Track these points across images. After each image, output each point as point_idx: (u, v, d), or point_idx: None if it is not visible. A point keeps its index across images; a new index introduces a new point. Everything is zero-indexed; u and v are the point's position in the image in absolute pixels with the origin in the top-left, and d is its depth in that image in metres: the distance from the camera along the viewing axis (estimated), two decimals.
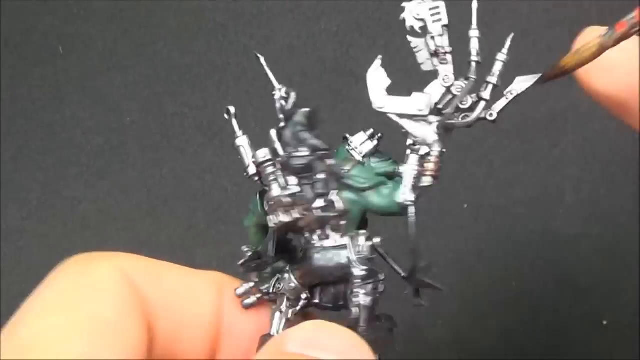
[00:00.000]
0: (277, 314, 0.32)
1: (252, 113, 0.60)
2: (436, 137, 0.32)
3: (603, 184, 0.60)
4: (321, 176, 0.31)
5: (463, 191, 0.61)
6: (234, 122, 0.34)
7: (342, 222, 0.32)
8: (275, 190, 0.31)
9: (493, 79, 0.32)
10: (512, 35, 0.32)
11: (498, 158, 0.61)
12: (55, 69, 0.63)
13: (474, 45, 0.32)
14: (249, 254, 0.33)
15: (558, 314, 0.59)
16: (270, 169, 0.32)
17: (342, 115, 0.60)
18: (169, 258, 0.62)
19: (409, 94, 0.34)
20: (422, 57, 0.33)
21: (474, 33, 0.32)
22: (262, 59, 0.33)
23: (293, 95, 0.33)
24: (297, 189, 0.31)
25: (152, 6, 0.63)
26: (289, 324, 0.32)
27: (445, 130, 0.32)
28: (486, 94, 0.32)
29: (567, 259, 0.60)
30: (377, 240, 0.32)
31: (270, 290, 0.33)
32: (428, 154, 0.32)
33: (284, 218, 0.31)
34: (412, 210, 0.32)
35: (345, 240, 0.32)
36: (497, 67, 0.33)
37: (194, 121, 0.62)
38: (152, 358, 0.30)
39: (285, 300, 0.33)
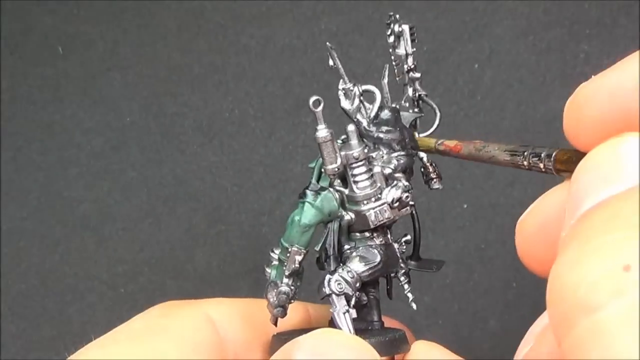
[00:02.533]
0: (344, 315, 0.33)
1: (252, 113, 0.60)
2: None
3: None
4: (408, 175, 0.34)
5: (463, 191, 0.61)
6: (320, 114, 0.34)
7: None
8: (376, 187, 0.33)
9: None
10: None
11: None
12: (55, 69, 0.63)
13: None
14: (305, 254, 0.34)
15: None
16: (365, 167, 0.33)
17: (342, 116, 0.60)
18: (169, 258, 0.62)
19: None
20: (400, 71, 0.36)
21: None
22: (334, 54, 0.34)
23: (357, 90, 0.34)
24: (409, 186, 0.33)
25: (152, 6, 0.63)
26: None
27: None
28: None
29: None
30: (408, 237, 0.35)
31: (327, 292, 0.33)
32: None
33: (389, 215, 0.33)
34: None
35: (389, 238, 0.34)
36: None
37: (194, 121, 0.62)
38: None
39: (344, 299, 0.33)
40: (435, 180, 0.37)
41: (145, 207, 0.61)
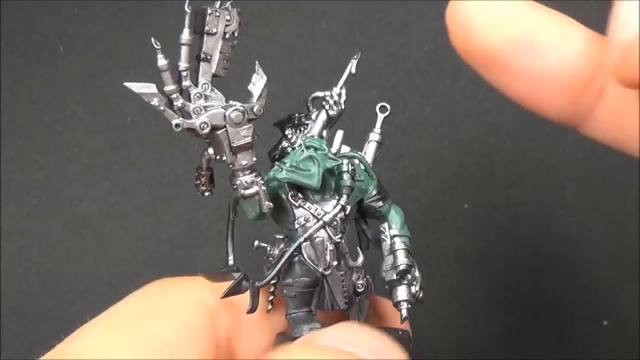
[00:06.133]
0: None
1: None
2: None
3: (603, 184, 0.60)
4: None
5: (463, 191, 0.61)
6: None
7: None
8: None
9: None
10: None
11: (498, 158, 0.61)
12: (56, 69, 0.63)
13: (183, 53, 0.33)
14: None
15: (558, 314, 0.59)
16: None
17: (342, 115, 0.60)
18: (169, 258, 0.62)
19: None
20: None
21: (184, 39, 0.33)
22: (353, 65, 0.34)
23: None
24: None
25: (152, 6, 0.63)
26: None
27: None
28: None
29: (567, 259, 0.60)
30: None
31: None
32: None
33: None
34: None
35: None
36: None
37: None
38: None
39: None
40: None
41: (146, 207, 0.61)
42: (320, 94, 0.35)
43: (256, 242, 0.35)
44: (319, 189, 0.33)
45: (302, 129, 0.35)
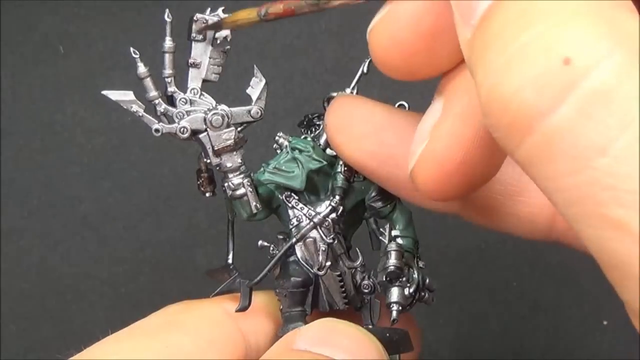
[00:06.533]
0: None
1: None
2: None
3: None
4: None
5: None
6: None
7: None
8: None
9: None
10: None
11: None
12: (55, 69, 0.63)
13: (166, 60, 0.34)
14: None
15: (558, 314, 0.59)
16: None
17: None
18: (170, 258, 0.62)
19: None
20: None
21: (166, 46, 0.35)
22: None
23: None
24: None
25: (152, 6, 0.63)
26: None
27: None
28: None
29: (567, 259, 0.60)
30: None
31: None
32: None
33: None
34: None
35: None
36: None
37: None
38: None
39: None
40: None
41: (145, 207, 0.61)
42: (334, 94, 0.35)
43: (260, 242, 0.35)
44: (302, 190, 0.33)
45: (314, 129, 0.35)
